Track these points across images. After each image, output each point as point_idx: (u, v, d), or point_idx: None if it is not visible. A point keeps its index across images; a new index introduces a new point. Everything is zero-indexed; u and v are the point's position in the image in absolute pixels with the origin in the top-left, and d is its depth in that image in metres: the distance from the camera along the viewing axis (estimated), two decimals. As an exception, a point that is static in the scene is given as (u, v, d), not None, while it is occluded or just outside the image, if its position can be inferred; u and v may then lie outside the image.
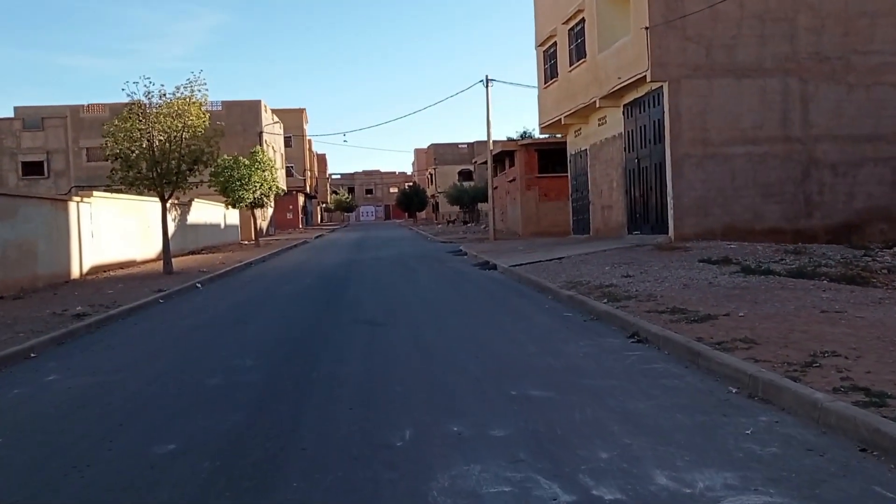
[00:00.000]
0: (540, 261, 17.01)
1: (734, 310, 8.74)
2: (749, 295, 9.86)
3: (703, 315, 8.43)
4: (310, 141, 79.18)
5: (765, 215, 17.83)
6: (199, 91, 19.13)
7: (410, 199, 77.46)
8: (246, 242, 37.79)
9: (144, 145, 18.62)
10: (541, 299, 11.78)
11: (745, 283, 11.02)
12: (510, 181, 37.72)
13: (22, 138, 44.72)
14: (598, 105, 20.96)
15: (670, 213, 17.81)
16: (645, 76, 17.84)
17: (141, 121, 18.48)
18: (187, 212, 30.13)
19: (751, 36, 17.68)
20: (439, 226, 56.49)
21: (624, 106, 20.58)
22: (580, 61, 22.09)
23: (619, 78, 19.18)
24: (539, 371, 6.61)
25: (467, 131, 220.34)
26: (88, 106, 43.51)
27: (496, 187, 38.48)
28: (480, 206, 58.94)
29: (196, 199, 31.89)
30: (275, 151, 51.85)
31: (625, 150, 20.79)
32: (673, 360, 6.87)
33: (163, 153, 18.63)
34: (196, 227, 31.51)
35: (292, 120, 67.55)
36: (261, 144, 41.05)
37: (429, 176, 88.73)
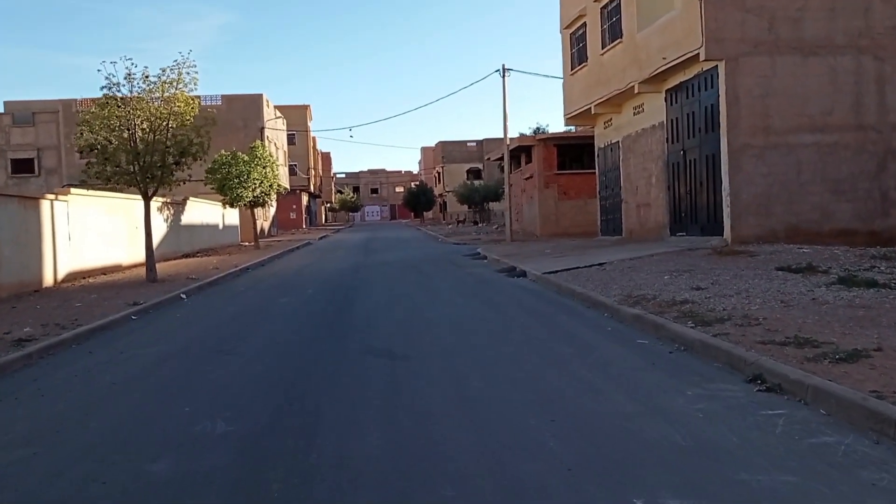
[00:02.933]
0: (577, 267, 14.73)
1: (880, 340, 6.45)
2: (878, 316, 7.57)
3: (845, 350, 6.14)
4: (314, 138, 77.00)
5: (834, 214, 15.49)
6: (189, 74, 16.88)
7: (417, 199, 75.15)
8: (246, 244, 35.58)
9: (125, 135, 16.38)
10: (597, 319, 9.48)
11: (858, 299, 8.71)
12: (527, 178, 35.41)
13: (11, 134, 42.57)
14: (636, 91, 18.65)
15: (726, 211, 15.49)
16: (697, 55, 15.52)
17: (120, 107, 16.24)
18: (181, 211, 27.94)
19: (819, 7, 15.35)
20: (449, 226, 54.20)
21: (666, 91, 18.26)
22: (615, 42, 19.77)
23: (664, 59, 16.87)
24: (660, 454, 4.31)
25: (476, 129, 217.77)
26: (82, 100, 41.27)
27: (510, 185, 36.27)
28: (492, 205, 56.69)
29: (192, 198, 29.73)
30: (277, 148, 49.65)
31: (667, 141, 18.47)
32: (847, 429, 4.60)
33: (146, 144, 16.38)
34: (191, 227, 29.30)
35: (296, 117, 65.36)
36: (262, 140, 38.80)
37: (436, 175, 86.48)
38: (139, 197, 17.19)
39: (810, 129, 15.43)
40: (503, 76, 31.10)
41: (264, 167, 30.85)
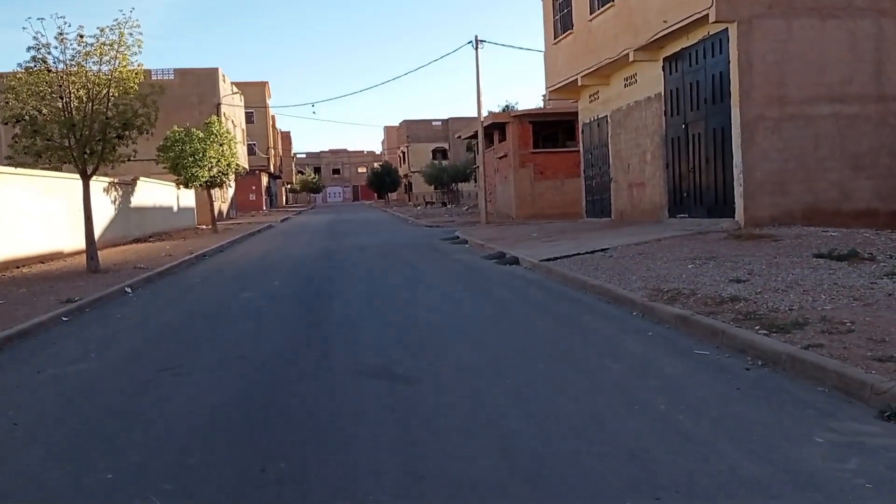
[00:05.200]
0: (577, 253, 13.15)
1: None
2: None
3: None
4: (273, 117, 74.12)
5: (853, 193, 14.15)
6: (132, 35, 14.76)
7: (382, 179, 72.97)
8: (203, 227, 33.32)
9: (58, 105, 14.24)
10: (628, 319, 7.90)
11: (940, 293, 7.28)
12: (500, 158, 33.74)
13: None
14: (631, 59, 17.04)
15: (738, 190, 14.03)
16: (705, 16, 13.96)
17: (52, 72, 14.09)
18: (131, 192, 25.70)
19: (839, -35, 13.89)
20: (418, 207, 52.34)
21: (665, 60, 16.69)
22: (606, 6, 18.11)
23: (665, 22, 15.28)
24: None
25: (441, 108, 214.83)
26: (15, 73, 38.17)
27: (479, 166, 34.55)
28: (461, 186, 54.99)
29: (143, 178, 27.46)
30: (235, 126, 47.11)
31: (665, 114, 16.94)
32: None
33: (82, 115, 14.27)
34: (142, 210, 27.06)
35: (254, 94, 62.57)
36: (218, 115, 36.39)
37: (401, 155, 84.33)
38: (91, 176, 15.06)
39: (828, 100, 14.02)
40: (476, 48, 29.40)
41: (221, 144, 28.62)
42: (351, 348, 6.95)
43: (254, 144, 61.35)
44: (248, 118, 59.76)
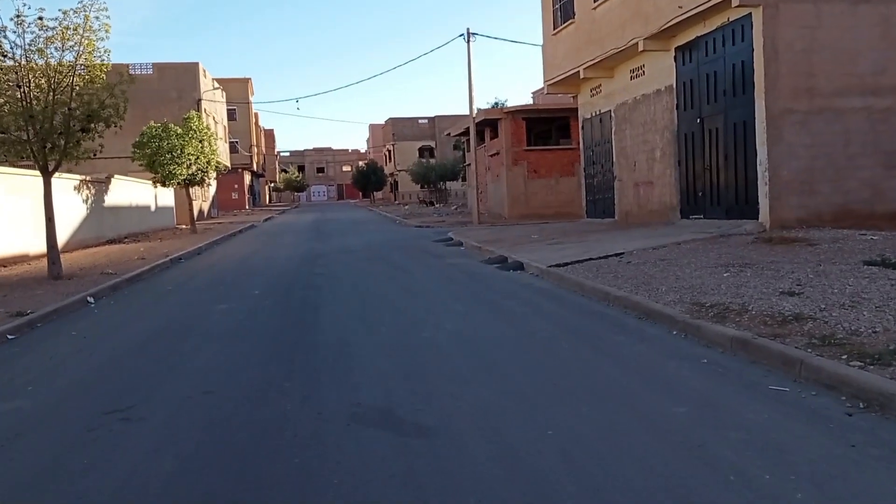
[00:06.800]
0: (589, 258, 11.95)
1: None
2: None
3: None
4: (257, 114, 72.58)
5: (887, 193, 13.07)
6: (98, 19, 13.40)
7: (368, 178, 71.45)
8: (182, 227, 31.85)
9: (16, 95, 12.87)
10: (670, 341, 6.70)
11: None
12: (492, 155, 32.54)
13: None
14: (640, 48, 15.86)
15: (763, 190, 12.89)
16: (726, 0, 12.80)
17: (7, 56, 12.72)
18: (105, 191, 24.25)
19: (872, -55, 12.80)
20: (406, 207, 50.96)
21: (677, 49, 15.54)
22: (613, -8, 16.95)
23: (681, 7, 14.12)
24: None
25: (426, 107, 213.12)
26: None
27: (471, 164, 33.35)
28: (449, 184, 53.74)
29: (117, 176, 26.01)
30: (216, 123, 45.61)
31: (676, 107, 15.78)
32: None
33: (42, 106, 12.89)
34: (117, 209, 25.60)
35: (237, 91, 61.01)
36: (199, 111, 34.89)
37: (386, 153, 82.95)
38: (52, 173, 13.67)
39: (860, 92, 12.92)
40: (468, 41, 28.18)
41: (201, 141, 27.16)
42: (344, 382, 5.69)
43: (236, 142, 59.80)
44: (231, 115, 58.22)
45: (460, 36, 28.28)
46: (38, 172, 13.57)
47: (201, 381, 5.92)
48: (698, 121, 14.89)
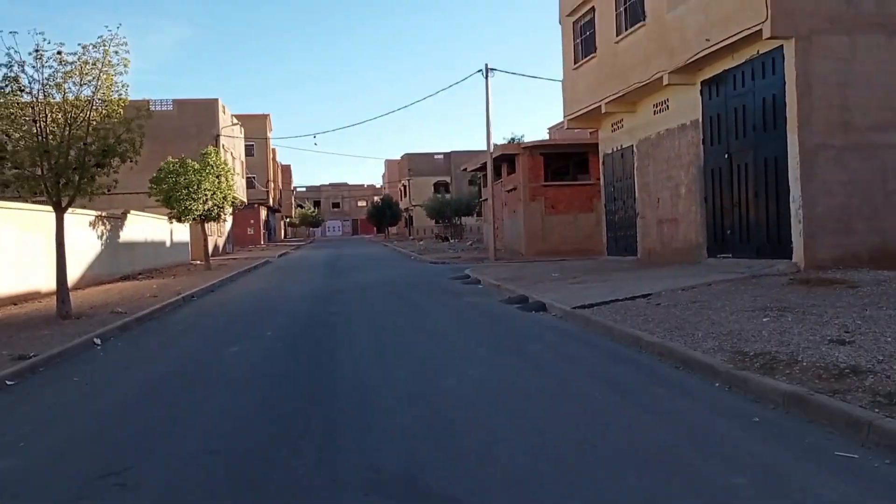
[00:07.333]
0: (615, 299, 11.44)
1: None
2: None
3: None
4: (274, 150, 72.94)
5: (926, 232, 12.51)
6: (118, 53, 13.22)
7: (383, 213, 71.36)
8: (197, 263, 31.60)
9: (32, 130, 12.66)
10: (713, 394, 6.17)
11: None
12: (509, 191, 32.21)
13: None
14: (665, 82, 15.51)
15: (796, 228, 12.37)
16: (758, 32, 12.44)
17: (27, 92, 12.53)
18: (120, 227, 24.04)
19: (907, -24, 12.43)
20: (421, 242, 50.61)
21: (703, 83, 15.17)
22: (636, 26, 16.65)
23: (708, 40, 13.77)
24: None
25: (441, 143, 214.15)
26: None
27: (487, 199, 33.00)
28: (464, 220, 53.43)
29: (133, 212, 25.84)
30: (234, 158, 45.71)
31: (703, 142, 15.36)
32: None
33: (58, 141, 12.66)
34: (132, 245, 25.38)
35: (255, 127, 61.32)
36: (217, 147, 34.90)
37: (402, 188, 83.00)
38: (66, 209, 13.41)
39: (896, 126, 12.46)
40: (486, 77, 28.06)
41: (218, 176, 27.02)
42: (362, 440, 5.19)
43: (253, 177, 59.96)
44: (248, 151, 58.46)
45: (478, 72, 28.20)
46: (51, 208, 13.33)
47: (207, 437, 5.46)
48: (726, 156, 14.44)
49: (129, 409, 6.57)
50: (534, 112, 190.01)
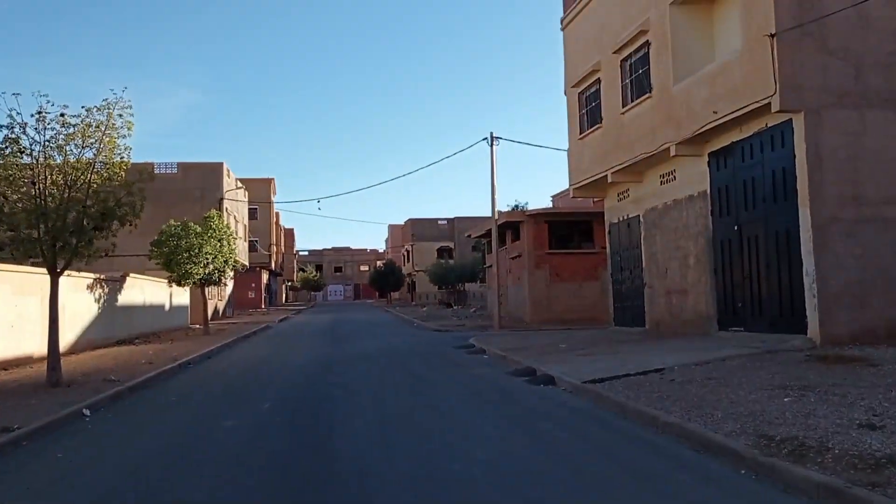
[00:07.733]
0: (627, 374, 11.01)
1: None
2: None
3: None
4: (277, 214, 73.35)
5: (944, 307, 12.16)
6: (121, 116, 13.17)
7: (385, 278, 71.14)
8: (196, 327, 31.17)
9: (32, 192, 12.50)
10: (738, 483, 5.75)
11: None
12: (514, 258, 32.05)
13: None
14: (672, 153, 15.44)
15: (811, 303, 12.04)
16: (766, 105, 12.39)
17: (27, 154, 12.42)
18: (118, 290, 23.75)
19: (915, 52, 12.44)
20: (424, 308, 50.15)
21: (710, 155, 15.08)
22: (642, 98, 16.69)
23: (715, 112, 13.73)
24: None
25: (444, 208, 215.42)
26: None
27: (491, 266, 32.79)
28: (467, 286, 53.13)
29: (132, 275, 25.56)
30: (237, 222, 45.79)
31: (711, 213, 15.18)
32: None
33: (56, 203, 12.48)
34: (130, 309, 25.03)
35: (259, 190, 61.79)
36: (220, 210, 34.93)
37: (405, 253, 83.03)
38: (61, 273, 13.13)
39: (910, 200, 12.26)
40: (491, 144, 28.17)
41: (219, 240, 26.86)
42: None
43: (255, 241, 60.04)
44: (252, 214, 58.70)
45: (483, 139, 28.33)
46: (44, 271, 13.06)
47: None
48: (735, 228, 14.23)
49: (110, 493, 6.11)
50: (538, 179, 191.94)
